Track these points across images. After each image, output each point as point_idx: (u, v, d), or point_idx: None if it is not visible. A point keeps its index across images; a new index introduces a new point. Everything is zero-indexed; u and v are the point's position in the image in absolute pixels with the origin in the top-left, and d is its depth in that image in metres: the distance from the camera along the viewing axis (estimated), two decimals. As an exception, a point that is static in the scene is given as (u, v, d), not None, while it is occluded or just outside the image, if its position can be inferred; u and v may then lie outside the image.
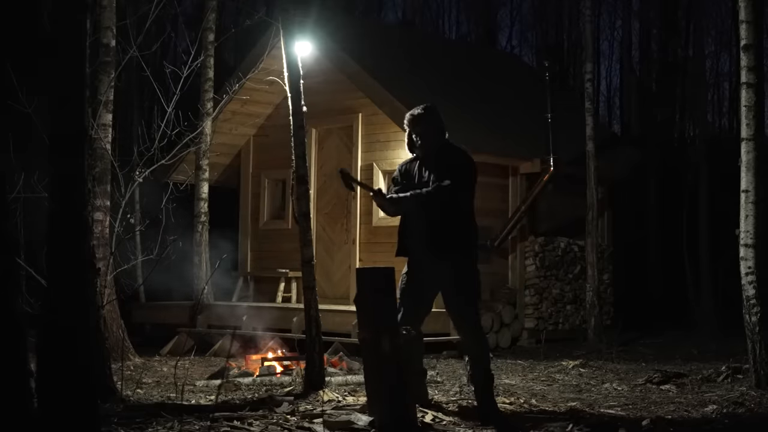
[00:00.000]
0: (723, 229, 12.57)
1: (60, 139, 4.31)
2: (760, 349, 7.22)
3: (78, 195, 4.32)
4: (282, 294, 12.55)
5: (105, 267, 7.77)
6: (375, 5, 26.52)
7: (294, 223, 8.39)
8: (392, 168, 11.98)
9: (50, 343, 4.21)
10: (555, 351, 10.79)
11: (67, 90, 4.34)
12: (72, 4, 4.37)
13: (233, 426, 5.31)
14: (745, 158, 7.42)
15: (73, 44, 4.36)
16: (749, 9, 7.54)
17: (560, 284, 12.94)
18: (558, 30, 24.61)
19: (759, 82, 7.67)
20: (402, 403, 5.15)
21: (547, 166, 12.04)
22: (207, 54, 11.65)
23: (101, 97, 8.58)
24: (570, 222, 12.98)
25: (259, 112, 13.35)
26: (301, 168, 7.31)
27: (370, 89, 11.77)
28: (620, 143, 16.44)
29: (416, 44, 15.01)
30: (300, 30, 7.87)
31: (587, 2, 13.60)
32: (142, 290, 13.69)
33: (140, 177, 7.85)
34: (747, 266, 7.34)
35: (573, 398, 6.96)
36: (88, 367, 4.29)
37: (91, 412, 4.27)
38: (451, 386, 7.49)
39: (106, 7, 8.95)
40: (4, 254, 4.10)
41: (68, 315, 4.23)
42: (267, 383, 7.63)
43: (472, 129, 12.01)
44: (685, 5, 20.92)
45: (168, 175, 11.98)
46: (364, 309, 5.33)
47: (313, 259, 7.30)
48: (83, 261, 4.37)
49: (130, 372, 8.45)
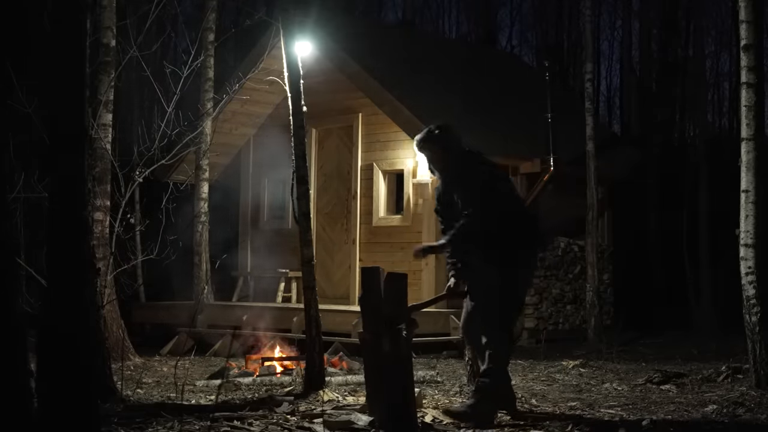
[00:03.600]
0: (723, 229, 12.56)
1: (60, 139, 4.31)
2: (760, 349, 7.22)
3: (78, 195, 4.31)
4: (282, 294, 12.55)
5: (105, 267, 7.76)
6: (375, 5, 26.52)
7: (294, 223, 8.39)
8: (392, 168, 12.01)
9: (50, 343, 4.21)
10: (555, 351, 10.79)
11: (67, 90, 4.34)
12: (72, 4, 4.37)
13: (233, 426, 5.31)
14: (745, 158, 7.42)
15: (73, 44, 4.36)
16: (749, 9, 7.54)
17: (560, 284, 12.94)
18: (558, 30, 24.59)
19: (759, 82, 7.66)
20: (402, 403, 5.15)
21: (547, 166, 12.04)
22: (207, 54, 11.65)
23: (101, 97, 8.58)
24: (570, 222, 12.98)
25: (259, 112, 13.35)
26: (301, 168, 7.31)
27: (370, 89, 11.77)
28: (620, 143, 16.43)
29: (416, 44, 15.01)
30: (300, 30, 7.87)
31: (587, 2, 13.60)
32: (142, 290, 13.69)
33: (140, 177, 7.85)
34: (747, 266, 7.34)
35: (573, 398, 6.96)
36: (88, 367, 4.29)
37: (91, 412, 4.27)
38: (451, 386, 7.49)
39: (106, 7, 8.95)
40: (4, 254, 4.10)
41: (68, 315, 4.23)
42: (267, 383, 7.63)
43: (472, 129, 12.00)
44: (685, 5, 20.92)
45: (168, 175, 11.98)
46: (367, 309, 5.34)
47: (313, 259, 7.30)
48: (83, 261, 4.36)
49: (130, 372, 8.45)
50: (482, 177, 5.76)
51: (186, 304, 11.99)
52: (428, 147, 5.92)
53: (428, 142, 5.91)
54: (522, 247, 5.81)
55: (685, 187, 17.12)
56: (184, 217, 11.39)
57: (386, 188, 12.11)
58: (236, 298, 13.00)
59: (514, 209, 5.86)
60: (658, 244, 18.35)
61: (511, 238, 5.74)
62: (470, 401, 5.72)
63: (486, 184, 5.74)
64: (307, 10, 9.12)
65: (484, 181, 5.75)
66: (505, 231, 5.71)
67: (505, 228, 5.72)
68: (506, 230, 5.72)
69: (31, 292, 6.27)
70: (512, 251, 5.74)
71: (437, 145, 5.90)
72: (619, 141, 17.01)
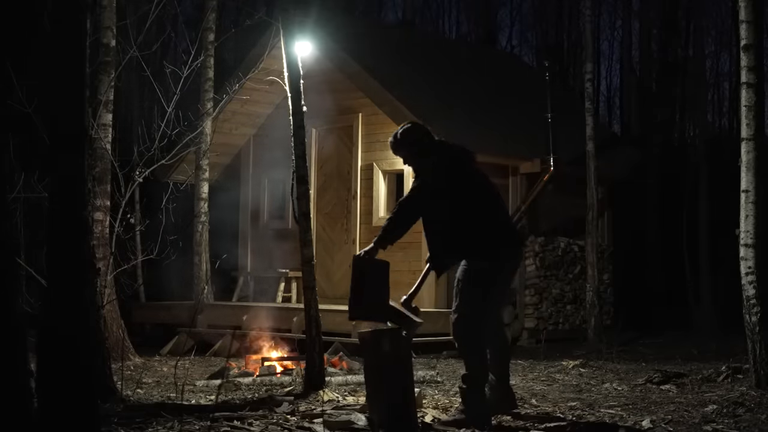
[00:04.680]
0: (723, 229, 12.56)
1: (60, 139, 4.31)
2: (760, 349, 7.22)
3: (78, 195, 4.31)
4: (282, 294, 12.55)
5: (105, 267, 7.77)
6: (375, 5, 26.52)
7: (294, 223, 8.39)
8: (392, 168, 12.00)
9: (50, 343, 4.21)
10: (555, 351, 10.79)
11: (67, 90, 4.34)
12: (72, 4, 4.37)
13: (233, 426, 5.31)
14: (745, 158, 7.42)
15: (73, 44, 4.36)
16: (749, 9, 7.54)
17: (560, 284, 12.94)
18: (558, 30, 24.59)
19: (759, 82, 7.66)
20: (402, 403, 5.15)
21: (547, 166, 12.04)
22: (207, 54, 11.65)
23: (101, 97, 8.58)
24: (570, 222, 12.98)
25: (259, 112, 13.35)
26: (301, 168, 7.31)
27: (370, 89, 11.77)
28: (620, 143, 16.44)
29: (416, 44, 15.01)
30: (300, 30, 7.87)
31: (587, 2, 13.60)
32: (142, 290, 13.69)
33: (140, 177, 7.85)
34: (747, 266, 7.34)
35: (573, 398, 6.96)
36: (88, 367, 4.29)
37: (91, 412, 4.27)
38: (451, 386, 7.49)
39: (106, 7, 8.95)
40: (4, 254, 4.10)
41: (68, 315, 4.23)
42: (267, 383, 7.63)
43: (472, 129, 12.02)
44: (685, 5, 20.92)
45: (168, 175, 11.98)
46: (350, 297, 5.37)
47: (313, 259, 7.30)
48: (83, 261, 4.37)
49: (130, 372, 8.45)
50: (447, 165, 5.78)
51: (186, 304, 11.99)
52: (396, 150, 6.00)
53: (394, 146, 5.99)
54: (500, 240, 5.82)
55: (685, 187, 17.12)
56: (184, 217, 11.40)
57: (386, 188, 12.10)
58: (236, 298, 12.99)
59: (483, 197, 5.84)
60: (658, 244, 18.36)
61: (486, 227, 5.75)
62: (460, 408, 5.72)
63: (450, 171, 5.77)
64: (307, 10, 9.12)
65: (447, 167, 5.77)
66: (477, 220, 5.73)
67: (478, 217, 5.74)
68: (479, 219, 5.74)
69: (31, 292, 6.27)
70: (492, 243, 5.75)
71: (404, 149, 5.95)
72: (619, 141, 17.01)
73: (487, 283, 5.72)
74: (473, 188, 5.81)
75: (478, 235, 5.72)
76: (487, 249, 5.72)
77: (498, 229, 5.82)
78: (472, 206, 5.75)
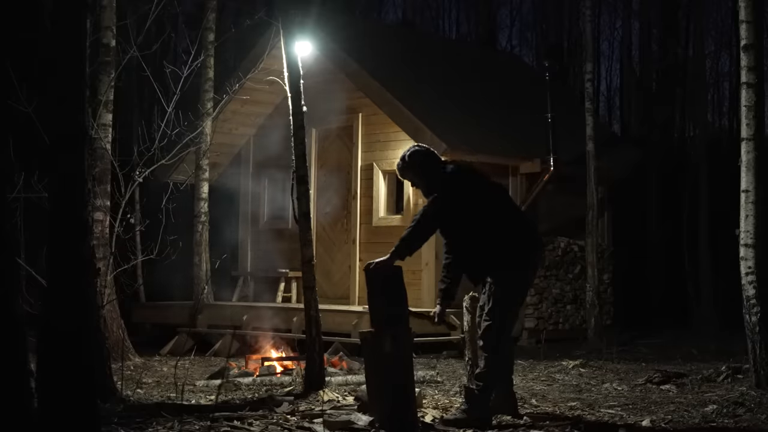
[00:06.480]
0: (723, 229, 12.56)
1: (60, 139, 4.31)
2: (760, 349, 7.22)
3: (78, 195, 4.31)
4: (282, 294, 12.55)
5: (105, 267, 7.77)
6: (375, 5, 26.50)
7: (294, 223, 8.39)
8: (392, 168, 11.94)
9: (50, 344, 4.21)
10: (555, 351, 10.79)
11: (67, 90, 4.34)
12: (72, 4, 4.37)
13: (233, 426, 5.31)
14: (745, 158, 7.42)
15: (73, 44, 4.36)
16: (749, 9, 7.54)
17: (560, 284, 12.93)
18: (558, 30, 24.56)
19: (759, 82, 7.66)
20: (402, 403, 5.15)
21: (547, 166, 12.03)
22: (207, 54, 11.64)
23: (101, 97, 8.57)
24: (570, 222, 12.97)
25: (259, 112, 13.35)
26: (301, 168, 7.31)
27: (370, 89, 11.77)
28: (620, 143, 16.44)
29: (416, 44, 15.01)
30: (300, 30, 7.87)
31: (587, 2, 13.60)
32: (142, 290, 13.69)
33: (140, 177, 7.85)
34: (747, 266, 7.34)
35: (573, 398, 6.96)
36: (89, 367, 4.29)
37: (91, 412, 4.27)
38: (451, 386, 7.49)
39: (106, 7, 8.94)
40: (4, 254, 4.09)
41: (68, 315, 4.23)
42: (267, 383, 7.63)
43: (472, 129, 12.02)
44: (685, 5, 20.89)
45: (168, 175, 11.97)
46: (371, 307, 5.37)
47: (313, 259, 7.31)
48: (83, 261, 4.37)
49: (130, 372, 8.45)
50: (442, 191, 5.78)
51: (186, 304, 11.99)
52: (403, 174, 6.05)
53: (401, 170, 6.03)
54: (524, 248, 5.87)
55: (685, 187, 17.12)
56: (184, 217, 11.40)
57: (386, 188, 12.10)
58: (236, 298, 12.99)
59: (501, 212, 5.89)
60: (658, 244, 18.35)
61: (511, 239, 5.80)
62: (463, 407, 5.72)
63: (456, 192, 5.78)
64: (307, 10, 9.13)
65: (460, 187, 5.80)
66: (503, 234, 5.79)
67: (503, 231, 5.80)
68: (504, 233, 5.79)
69: (31, 292, 6.27)
70: (515, 253, 5.80)
71: (410, 172, 5.98)
72: (619, 141, 17.01)
73: (520, 292, 5.89)
74: (493, 202, 5.87)
75: (508, 247, 5.79)
76: (518, 258, 5.80)
77: (524, 237, 5.90)
78: (495, 220, 5.82)
